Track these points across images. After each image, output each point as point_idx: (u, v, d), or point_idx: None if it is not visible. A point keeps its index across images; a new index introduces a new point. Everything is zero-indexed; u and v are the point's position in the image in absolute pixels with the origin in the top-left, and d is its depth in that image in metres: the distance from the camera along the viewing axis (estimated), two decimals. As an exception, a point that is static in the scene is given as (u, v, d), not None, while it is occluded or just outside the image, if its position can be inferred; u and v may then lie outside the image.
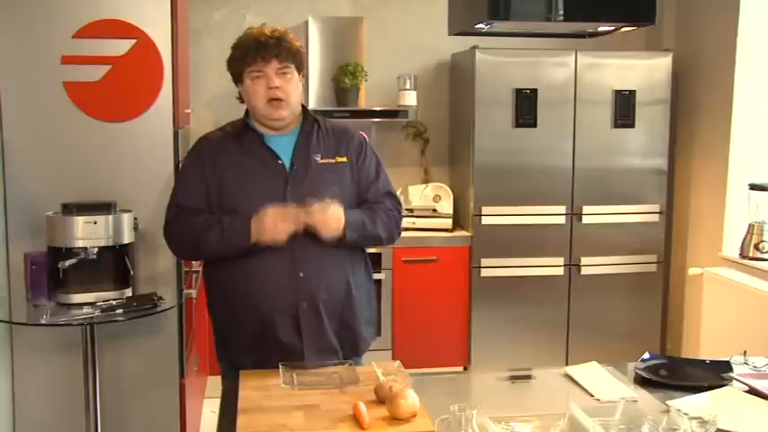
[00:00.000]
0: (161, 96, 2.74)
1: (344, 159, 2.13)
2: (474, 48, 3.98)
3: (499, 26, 3.53)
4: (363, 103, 4.23)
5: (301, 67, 2.10)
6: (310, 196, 2.00)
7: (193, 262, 3.05)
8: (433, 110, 4.48)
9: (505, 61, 4.00)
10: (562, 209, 4.08)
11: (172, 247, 2.15)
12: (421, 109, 4.34)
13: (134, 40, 2.68)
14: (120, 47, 2.67)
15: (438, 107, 4.49)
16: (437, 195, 4.31)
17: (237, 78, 2.09)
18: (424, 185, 4.35)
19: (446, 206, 4.26)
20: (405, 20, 4.43)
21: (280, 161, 2.08)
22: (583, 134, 4.06)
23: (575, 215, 4.08)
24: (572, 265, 4.10)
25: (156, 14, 2.70)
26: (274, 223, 1.95)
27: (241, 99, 2.14)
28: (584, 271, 4.11)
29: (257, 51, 2.02)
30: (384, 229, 2.13)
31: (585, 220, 4.08)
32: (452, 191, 4.32)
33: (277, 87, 2.03)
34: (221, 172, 2.06)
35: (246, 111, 2.17)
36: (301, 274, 2.02)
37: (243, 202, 2.02)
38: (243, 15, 4.26)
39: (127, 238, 2.60)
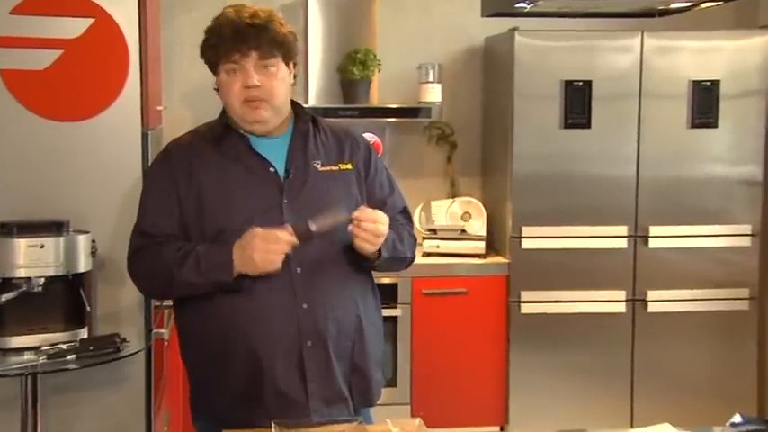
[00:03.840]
0: (125, 90, 2.74)
1: (349, 166, 2.17)
2: (513, 30, 3.98)
3: (545, 5, 3.49)
4: (376, 98, 4.24)
5: (291, 57, 2.11)
6: (313, 209, 2.01)
7: (166, 294, 3.03)
8: (462, 107, 4.48)
9: (552, 46, 3.99)
10: (623, 230, 4.04)
11: (138, 284, 2.18)
12: (446, 106, 4.33)
13: (91, 20, 2.67)
14: (73, 27, 2.66)
15: (468, 104, 4.49)
16: (466, 213, 4.29)
17: (213, 68, 2.10)
18: (451, 201, 4.35)
19: (477, 226, 4.24)
20: None
21: (271, 168, 2.09)
22: (650, 136, 4.03)
23: (639, 238, 4.05)
24: (636, 300, 4.07)
25: None
26: (264, 248, 1.95)
27: (218, 90, 2.15)
28: (653, 308, 4.07)
29: (233, 41, 2.03)
30: (410, 249, 2.22)
31: (653, 243, 4.04)
32: (485, 207, 4.30)
33: (256, 86, 2.04)
34: (199, 186, 2.07)
35: (222, 110, 2.18)
36: (305, 306, 2.04)
37: (230, 221, 2.02)
38: None
39: (82, 265, 2.59)
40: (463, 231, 4.21)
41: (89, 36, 2.66)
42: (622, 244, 4.04)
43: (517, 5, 3.48)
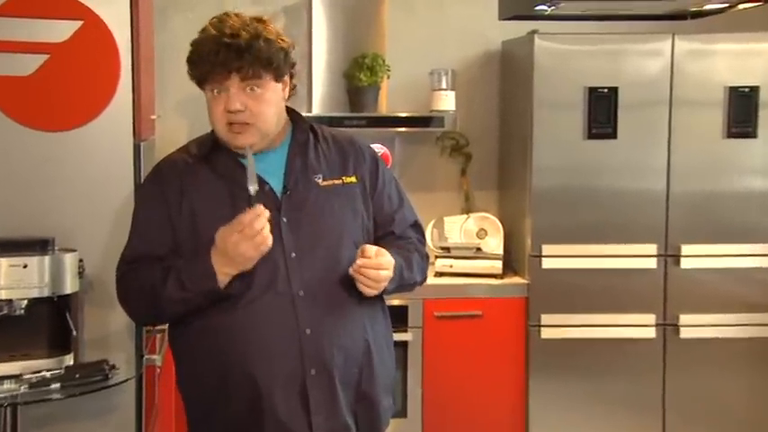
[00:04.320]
0: (116, 97, 2.75)
1: (353, 179, 2.18)
2: (533, 33, 3.98)
3: (567, 7, 3.54)
4: (384, 107, 4.25)
5: (283, 73, 2.10)
6: (316, 228, 2.06)
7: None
8: (478, 116, 4.49)
9: (574, 50, 3.99)
10: (653, 248, 4.03)
11: (127, 311, 2.20)
12: (461, 115, 4.33)
13: (79, 22, 2.67)
14: (60, 30, 2.66)
15: (484, 112, 4.50)
16: (482, 230, 4.30)
17: (198, 84, 2.11)
18: (465, 216, 4.35)
19: (494, 244, 4.24)
20: None
21: (267, 185, 2.09)
22: (682, 147, 4.02)
23: (670, 257, 4.03)
24: (667, 325, 4.05)
25: None
26: (246, 237, 1.94)
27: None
28: (685, 333, 4.04)
29: (212, 63, 2.02)
30: (420, 273, 2.24)
31: (686, 263, 4.03)
32: (503, 224, 4.31)
33: (239, 110, 2.04)
34: (192, 206, 2.09)
35: None
36: (308, 331, 2.04)
37: None
38: None
39: (68, 286, 2.59)
40: (478, 250, 4.21)
41: (77, 39, 2.67)
42: (651, 264, 4.02)
43: (537, 8, 3.51)
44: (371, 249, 2.05)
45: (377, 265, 2.04)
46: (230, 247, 1.95)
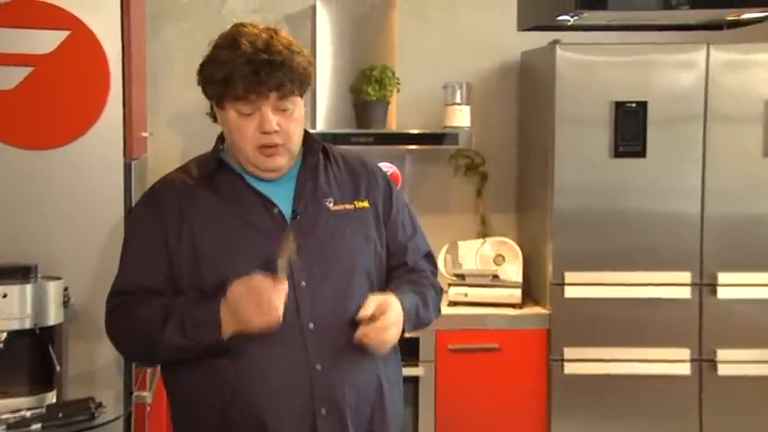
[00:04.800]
0: (105, 113, 2.77)
1: (366, 204, 2.19)
2: (554, 43, 3.99)
3: (591, 17, 3.53)
4: (394, 123, 4.26)
5: (307, 89, 2.13)
6: (327, 256, 2.07)
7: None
8: (494, 133, 4.49)
9: (600, 62, 4.00)
10: (686, 277, 4.01)
11: (118, 350, 2.20)
12: (477, 132, 4.31)
13: (66, 32, 2.70)
14: (45, 41, 2.70)
15: (501, 129, 4.50)
16: (500, 255, 4.28)
17: (216, 102, 2.10)
18: (481, 241, 4.35)
19: (512, 271, 4.24)
20: (455, 5, 4.45)
21: (275, 209, 2.10)
22: (718, 166, 4.00)
23: (706, 286, 4.01)
24: (703, 361, 4.02)
25: None
26: (257, 308, 1.94)
27: (214, 117, 2.15)
28: (723, 370, 4.01)
29: (250, 82, 2.01)
30: (435, 310, 2.26)
31: (722, 293, 4.00)
32: (522, 249, 4.30)
33: (275, 131, 2.05)
34: (193, 232, 2.08)
35: (220, 138, 2.19)
36: (318, 367, 2.05)
37: (231, 272, 2.01)
38: None
39: (52, 317, 2.61)
40: (495, 277, 4.20)
41: (63, 51, 2.69)
42: (685, 293, 4.00)
43: (559, 18, 3.51)
44: (375, 306, 2.04)
45: (381, 329, 2.04)
46: (240, 311, 1.96)
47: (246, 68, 2.00)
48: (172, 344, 2.01)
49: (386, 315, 2.04)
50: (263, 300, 1.94)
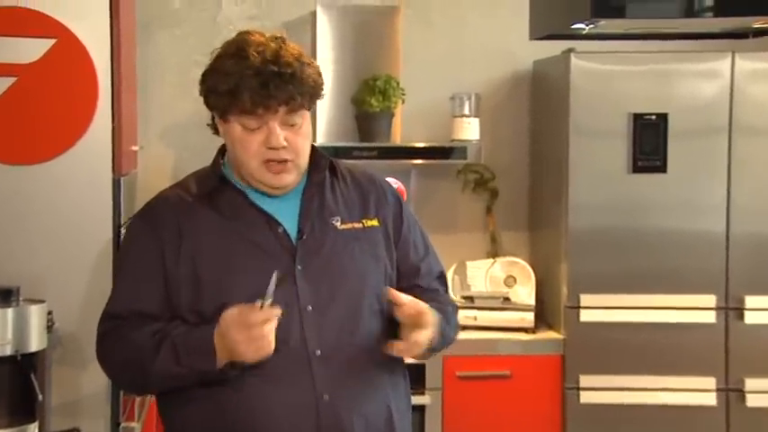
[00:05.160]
0: (93, 126, 2.78)
1: (375, 222, 2.20)
2: (569, 51, 4.00)
3: (608, 25, 3.54)
4: (398, 136, 4.27)
5: (315, 102, 2.15)
6: (333, 277, 2.08)
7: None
8: (505, 146, 4.50)
9: (617, 71, 4.01)
10: (711, 300, 4.00)
11: (109, 375, 2.21)
12: (486, 145, 4.32)
13: (51, 40, 2.71)
14: (30, 49, 2.70)
15: (512, 142, 4.51)
16: (511, 277, 4.29)
17: (219, 114, 2.10)
18: (491, 261, 4.35)
19: (524, 294, 4.24)
20: (462, 11, 4.46)
21: (280, 227, 2.11)
22: (744, 181, 3.99)
23: (732, 310, 4.00)
24: (730, 391, 4.00)
25: (87, 3, 2.75)
26: (246, 338, 1.94)
27: (215, 129, 2.15)
28: (753, 401, 3.99)
29: (259, 95, 2.01)
30: (455, 328, 2.27)
31: (750, 318, 3.99)
32: (534, 270, 4.30)
33: (283, 147, 2.05)
34: (192, 252, 2.08)
35: (220, 152, 2.19)
36: (326, 398, 2.05)
37: (233, 294, 2.02)
38: (217, 1, 4.29)
39: (35, 343, 2.61)
40: (506, 300, 4.20)
41: (49, 60, 2.70)
42: (710, 318, 3.99)
43: (574, 26, 3.51)
44: (409, 302, 2.05)
45: (420, 329, 2.04)
46: (230, 340, 1.96)
47: (255, 81, 1.99)
48: (164, 371, 2.02)
49: (424, 315, 2.04)
50: (252, 333, 1.94)
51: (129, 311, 2.09)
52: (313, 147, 2.19)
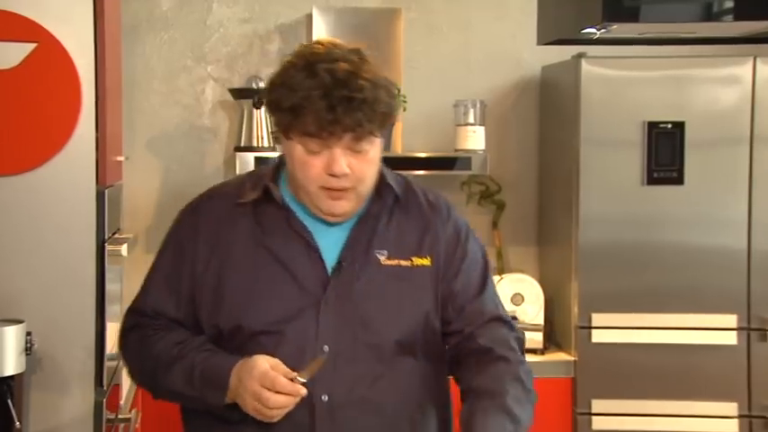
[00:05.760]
0: (76, 135, 2.76)
1: (426, 261, 2.13)
2: (579, 56, 3.99)
3: (621, 29, 3.61)
4: (399, 146, 4.28)
5: (388, 126, 2.09)
6: (360, 316, 2.05)
7: (121, 401, 3.14)
8: (512, 157, 4.53)
9: (631, 77, 4.01)
10: (732, 320, 3.99)
11: (127, 371, 2.27)
12: (492, 155, 4.33)
13: (32, 45, 2.69)
14: (9, 54, 2.68)
15: (519, 152, 4.54)
16: (518, 294, 4.30)
17: (282, 130, 2.06)
18: (498, 278, 4.33)
19: (533, 312, 4.26)
20: (467, 14, 4.48)
21: (317, 254, 2.08)
22: (766, 195, 4.00)
23: (754, 331, 4.00)
24: (753, 417, 3.99)
25: (70, 5, 2.73)
26: (257, 408, 1.95)
27: (277, 139, 2.21)
28: (778, 428, 4.00)
29: (324, 120, 1.95)
30: (528, 407, 2.12)
31: (774, 339, 3.97)
32: (543, 287, 4.31)
33: (345, 174, 2.00)
34: (221, 264, 2.10)
35: (280, 160, 2.18)
36: None
37: (249, 318, 2.05)
38: (207, 3, 4.30)
39: (11, 366, 2.56)
40: (514, 318, 4.14)
41: (29, 65, 2.68)
42: (731, 339, 3.98)
43: (584, 31, 3.51)
44: None
45: None
46: (244, 387, 1.95)
47: (321, 103, 1.93)
48: (174, 389, 2.06)
49: None
50: (268, 398, 1.92)
51: (155, 311, 2.14)
52: (381, 174, 2.13)
